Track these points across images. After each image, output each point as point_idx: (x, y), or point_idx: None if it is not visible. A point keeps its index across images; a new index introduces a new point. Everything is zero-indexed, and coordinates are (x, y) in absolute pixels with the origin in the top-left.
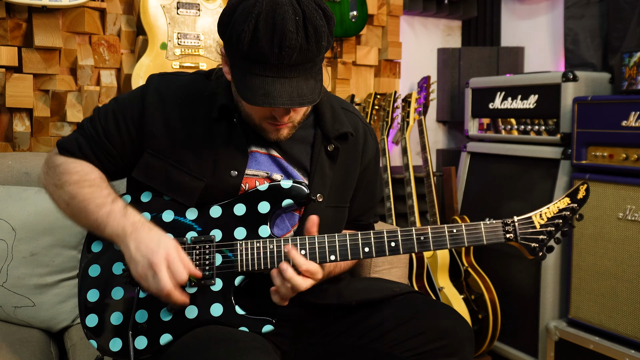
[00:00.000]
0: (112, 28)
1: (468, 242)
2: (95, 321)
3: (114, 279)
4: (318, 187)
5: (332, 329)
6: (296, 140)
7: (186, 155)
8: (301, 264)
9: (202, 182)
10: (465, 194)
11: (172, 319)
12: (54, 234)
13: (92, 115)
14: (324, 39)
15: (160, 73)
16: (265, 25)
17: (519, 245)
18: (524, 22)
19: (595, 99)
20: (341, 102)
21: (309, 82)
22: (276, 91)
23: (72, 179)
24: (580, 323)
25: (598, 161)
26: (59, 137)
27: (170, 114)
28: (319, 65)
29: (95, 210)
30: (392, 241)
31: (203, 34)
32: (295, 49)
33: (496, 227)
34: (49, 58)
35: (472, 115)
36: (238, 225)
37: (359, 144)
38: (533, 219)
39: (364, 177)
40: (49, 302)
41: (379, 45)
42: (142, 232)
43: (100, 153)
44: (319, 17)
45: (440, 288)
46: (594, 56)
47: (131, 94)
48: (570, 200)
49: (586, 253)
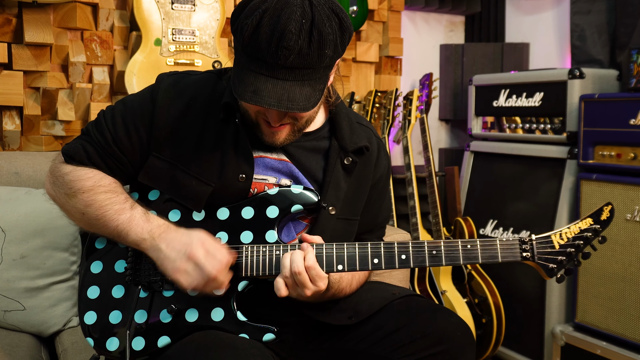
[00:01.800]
0: (105, 23)
1: (482, 259)
2: (94, 318)
3: (115, 277)
4: (331, 199)
5: (332, 334)
6: (307, 149)
7: (194, 159)
8: (309, 259)
9: (210, 186)
10: (468, 195)
11: (172, 321)
12: (45, 236)
13: (97, 119)
14: (328, 47)
15: (170, 72)
16: (268, 21)
17: (536, 265)
18: (529, 17)
19: (602, 96)
20: (356, 115)
21: (305, 88)
22: (266, 90)
23: (85, 186)
24: (587, 327)
25: (605, 161)
26: (50, 136)
27: (180, 115)
28: (320, 74)
29: (115, 217)
30: (402, 253)
31: (198, 29)
32: (293, 51)
33: (512, 245)
34: (39, 54)
35: (476, 113)
36: (245, 228)
37: (372, 158)
38: (552, 239)
39: (373, 192)
40: (40, 306)
41: (380, 41)
42: (170, 232)
43: (110, 161)
44: (330, 25)
45: (443, 291)
46: (601, 52)
47: (140, 95)
48: (593, 220)
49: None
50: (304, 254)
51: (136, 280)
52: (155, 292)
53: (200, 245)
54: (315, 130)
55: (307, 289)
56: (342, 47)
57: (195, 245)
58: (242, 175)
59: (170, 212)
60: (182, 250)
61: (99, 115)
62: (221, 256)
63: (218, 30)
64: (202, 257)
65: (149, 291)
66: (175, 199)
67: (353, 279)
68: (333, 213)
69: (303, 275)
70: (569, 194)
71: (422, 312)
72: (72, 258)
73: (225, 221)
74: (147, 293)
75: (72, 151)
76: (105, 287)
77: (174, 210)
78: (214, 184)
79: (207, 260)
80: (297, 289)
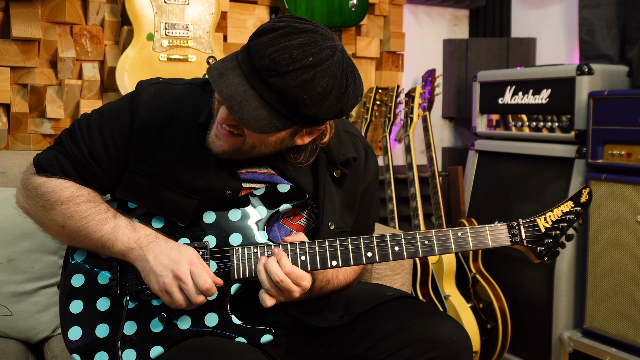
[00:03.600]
0: (95, 18)
1: (473, 246)
2: (79, 334)
3: (99, 290)
4: (329, 215)
5: (327, 338)
6: (293, 164)
7: (176, 174)
8: (285, 264)
9: (195, 200)
10: (472, 196)
11: (163, 330)
12: (33, 238)
13: (71, 128)
14: (309, 108)
15: (151, 80)
16: (282, 34)
17: (525, 248)
18: (535, 11)
19: (612, 93)
20: (343, 122)
21: (262, 110)
22: (229, 80)
23: (62, 197)
24: (596, 333)
25: (615, 160)
26: (38, 134)
27: (161, 129)
28: (286, 116)
29: (98, 227)
30: (395, 245)
31: (192, 24)
32: (276, 70)
33: (501, 230)
34: (27, 50)
35: (481, 111)
36: (233, 230)
37: (360, 166)
38: (538, 222)
39: (363, 198)
40: (28, 311)
41: (381, 36)
42: (159, 243)
43: (85, 174)
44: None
45: (446, 296)
46: (611, 48)
47: (118, 104)
48: (573, 203)
49: (602, 258)
50: (278, 259)
51: (123, 290)
52: (144, 302)
53: (188, 266)
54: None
55: (294, 292)
56: (330, 115)
57: (183, 265)
58: (229, 191)
59: (154, 219)
60: (170, 267)
61: (73, 124)
62: (205, 283)
63: (213, 24)
64: (188, 280)
65: (137, 301)
66: (160, 214)
67: (338, 269)
68: (332, 228)
69: (285, 281)
70: None
71: (417, 316)
72: (61, 261)
73: (212, 224)
74: (135, 303)
75: (44, 163)
76: (89, 301)
77: (157, 217)
78: (199, 197)
79: (191, 286)
80: (284, 294)
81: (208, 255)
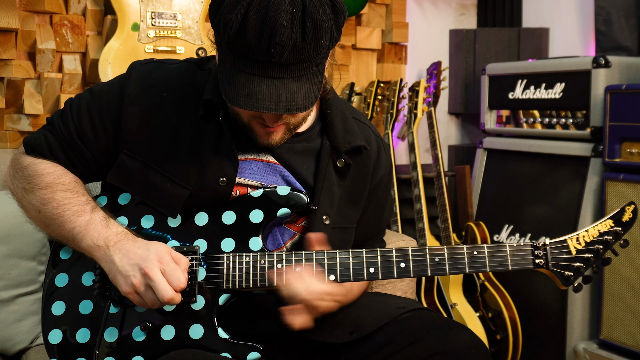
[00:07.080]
0: (77, 6)
1: (490, 267)
2: (59, 337)
3: (83, 291)
4: (325, 208)
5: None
6: (297, 152)
7: (169, 158)
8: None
9: (187, 190)
10: (481, 197)
11: (146, 339)
12: (10, 243)
13: (63, 108)
14: (324, 37)
15: (144, 60)
16: (255, 15)
17: (550, 273)
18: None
19: (630, 87)
20: (352, 110)
21: (303, 85)
22: (261, 93)
23: (43, 182)
24: (613, 345)
25: (634, 159)
26: (16, 131)
27: (153, 109)
28: (318, 66)
29: (72, 218)
30: (401, 262)
31: (180, 13)
32: (287, 47)
33: (524, 251)
34: (3, 41)
35: (490, 106)
36: (226, 235)
37: (370, 159)
38: (568, 243)
39: (373, 197)
40: (4, 321)
41: (383, 26)
42: (127, 242)
43: (73, 155)
44: (323, 11)
45: (453, 305)
46: (629, 39)
47: (109, 84)
48: (613, 222)
49: (620, 265)
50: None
51: (105, 294)
52: (127, 308)
53: (157, 262)
54: (306, 130)
55: (330, 309)
56: (338, 32)
57: (151, 261)
58: (223, 178)
59: (143, 218)
60: (137, 265)
61: (65, 103)
62: (176, 280)
63: (202, 14)
64: (157, 277)
65: (120, 306)
66: (148, 202)
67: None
68: (327, 223)
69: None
70: (593, 196)
71: (432, 329)
72: (40, 268)
73: (203, 227)
74: (118, 308)
75: (33, 142)
76: (71, 303)
77: (147, 216)
78: (191, 187)
79: (161, 282)
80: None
81: (197, 260)
